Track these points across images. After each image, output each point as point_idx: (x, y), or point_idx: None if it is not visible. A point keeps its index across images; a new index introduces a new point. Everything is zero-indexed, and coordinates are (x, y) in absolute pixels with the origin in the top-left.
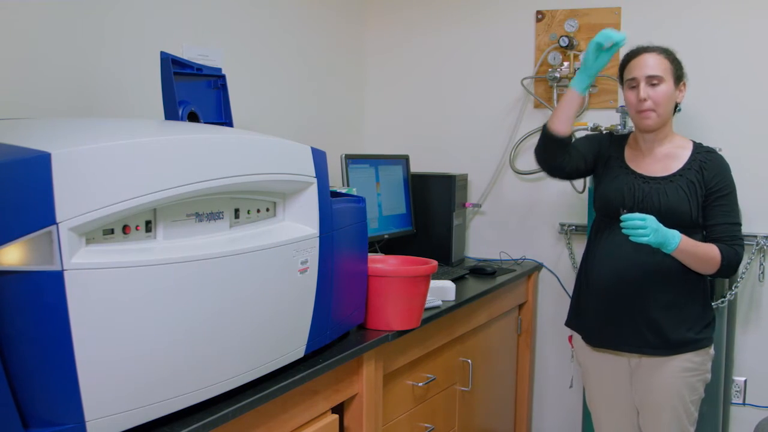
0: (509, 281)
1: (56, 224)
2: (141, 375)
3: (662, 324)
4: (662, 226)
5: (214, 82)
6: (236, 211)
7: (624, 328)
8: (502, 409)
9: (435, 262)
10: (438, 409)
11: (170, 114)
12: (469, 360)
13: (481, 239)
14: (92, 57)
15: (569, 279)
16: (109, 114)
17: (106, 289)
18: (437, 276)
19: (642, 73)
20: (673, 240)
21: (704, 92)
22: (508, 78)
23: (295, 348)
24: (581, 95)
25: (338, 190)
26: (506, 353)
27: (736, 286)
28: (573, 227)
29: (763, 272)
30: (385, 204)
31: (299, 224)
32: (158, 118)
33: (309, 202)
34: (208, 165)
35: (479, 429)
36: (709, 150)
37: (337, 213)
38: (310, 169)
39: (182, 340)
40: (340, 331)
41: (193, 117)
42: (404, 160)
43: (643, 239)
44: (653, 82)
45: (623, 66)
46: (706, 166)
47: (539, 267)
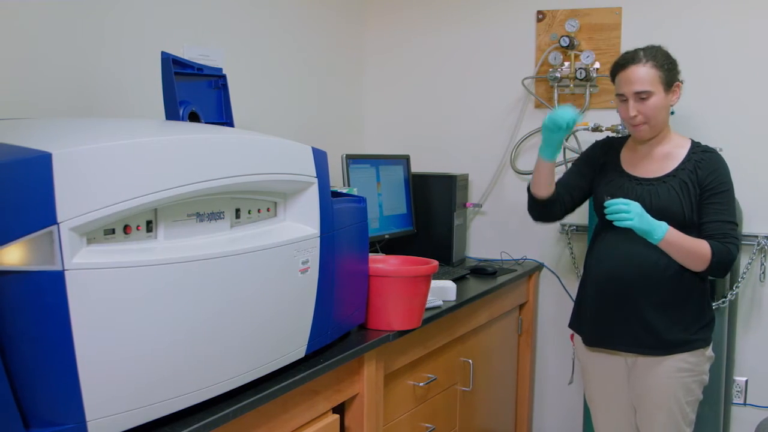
0: (510, 281)
1: (57, 224)
2: (142, 375)
3: (656, 324)
4: (648, 215)
5: (215, 82)
6: (237, 211)
7: (618, 328)
8: (503, 409)
9: (436, 262)
10: (439, 409)
11: (171, 114)
12: (470, 360)
13: (482, 239)
14: (93, 57)
15: (570, 279)
16: (110, 114)
17: (107, 289)
18: (438, 276)
19: (630, 90)
20: (660, 230)
21: (704, 92)
22: (509, 78)
23: (296, 348)
24: (551, 162)
25: (339, 190)
26: (507, 353)
27: (737, 287)
28: (574, 227)
29: (764, 272)
30: (386, 204)
31: (300, 224)
32: (159, 118)
33: (310, 202)
34: (209, 165)
35: (480, 429)
36: (706, 149)
37: (338, 213)
38: (311, 169)
39: (183, 340)
40: (341, 331)
41: (194, 117)
42: (405, 160)
43: (627, 223)
44: (642, 97)
45: (613, 76)
46: (701, 165)
47: (540, 267)
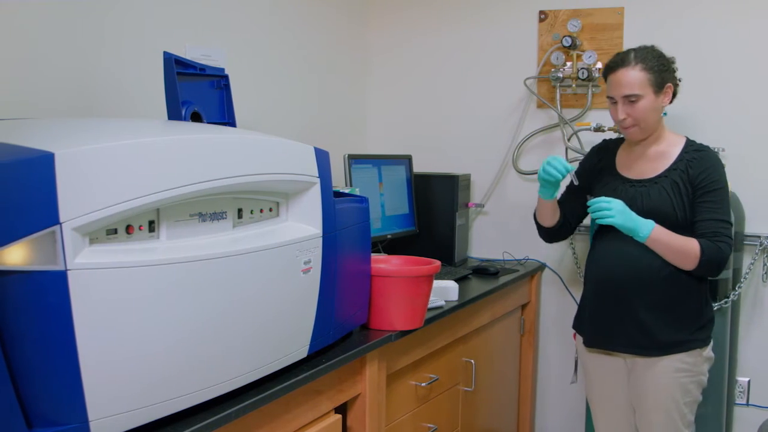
0: (512, 281)
1: (60, 224)
2: (144, 375)
3: (650, 324)
4: (633, 213)
5: (217, 82)
6: (239, 211)
7: (615, 329)
8: (505, 410)
9: (438, 262)
10: (441, 410)
11: (173, 114)
12: (472, 360)
13: (484, 239)
14: (95, 57)
15: (572, 279)
16: (112, 114)
17: (110, 289)
18: (440, 276)
19: (618, 93)
20: (645, 227)
21: (707, 92)
22: (511, 78)
23: (299, 348)
24: (552, 200)
25: (341, 191)
26: (509, 353)
27: (740, 287)
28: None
29: (767, 272)
30: (388, 204)
31: (302, 224)
32: (161, 118)
33: (312, 202)
34: (212, 165)
35: (482, 429)
36: (699, 148)
37: (340, 213)
38: (313, 169)
39: (185, 340)
40: (343, 331)
41: (196, 117)
42: (407, 160)
43: (608, 220)
44: (631, 100)
45: (605, 77)
46: (692, 164)
47: (542, 267)
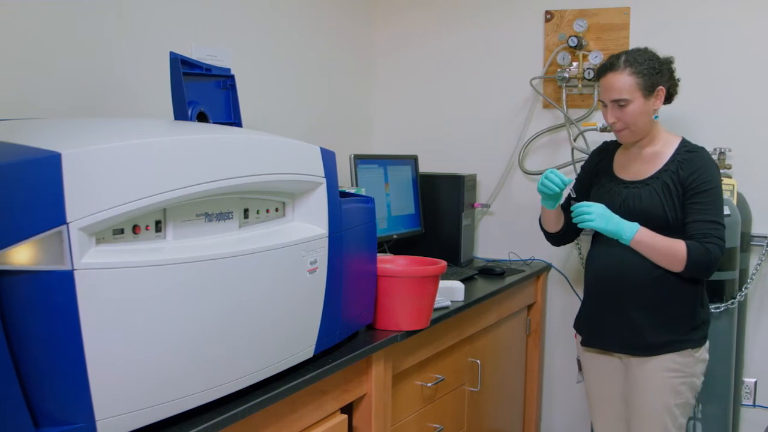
0: (518, 282)
1: (66, 224)
2: (151, 374)
3: (642, 325)
4: (616, 216)
5: (223, 83)
6: (245, 211)
7: (608, 328)
8: (511, 410)
9: (444, 263)
10: (447, 410)
11: (179, 114)
12: (478, 360)
13: (490, 239)
14: (101, 57)
15: (578, 279)
16: (118, 114)
17: (116, 289)
18: (446, 276)
19: (608, 97)
20: (629, 230)
21: (713, 93)
22: (517, 78)
23: (305, 348)
24: (554, 210)
25: (347, 191)
26: (515, 354)
27: (746, 287)
28: None
29: None
30: (394, 204)
31: (308, 224)
32: (167, 119)
33: (318, 203)
34: (218, 165)
35: (488, 429)
36: (691, 149)
37: (346, 213)
38: (319, 170)
39: (192, 340)
40: (349, 331)
41: (203, 117)
42: (413, 161)
43: (589, 224)
44: (620, 104)
45: (597, 81)
46: (683, 165)
47: (548, 267)
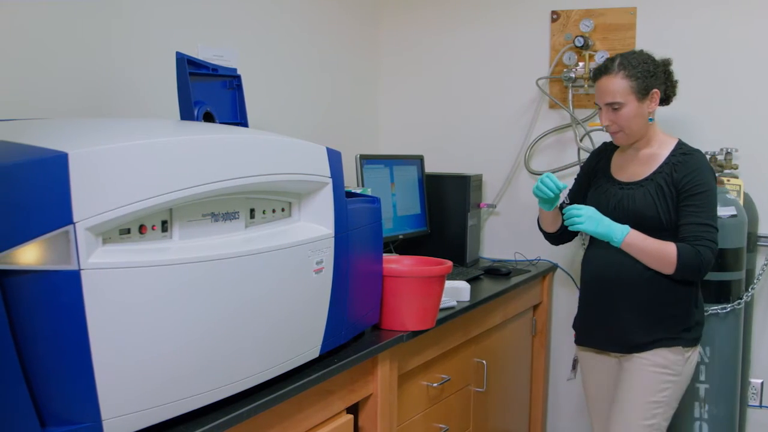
0: (524, 282)
1: (73, 224)
2: (157, 374)
3: (633, 325)
4: (607, 219)
5: (230, 83)
6: (252, 211)
7: (600, 327)
8: (517, 410)
9: (450, 263)
10: (452, 410)
11: (186, 114)
12: (484, 361)
13: (496, 240)
14: (107, 58)
15: None
16: (124, 114)
17: (123, 289)
18: (452, 276)
19: (602, 101)
20: (619, 232)
21: (719, 93)
22: (523, 78)
23: (310, 348)
24: (551, 211)
25: (353, 191)
26: (521, 354)
27: (753, 288)
28: None
29: None
30: (400, 204)
31: (314, 224)
32: (174, 119)
33: (324, 203)
34: (224, 165)
35: (494, 430)
36: (686, 151)
37: (352, 213)
38: (326, 170)
39: (198, 340)
40: (355, 332)
41: (209, 117)
42: (419, 161)
43: (578, 227)
44: (614, 107)
45: (593, 83)
46: (677, 168)
47: (554, 268)
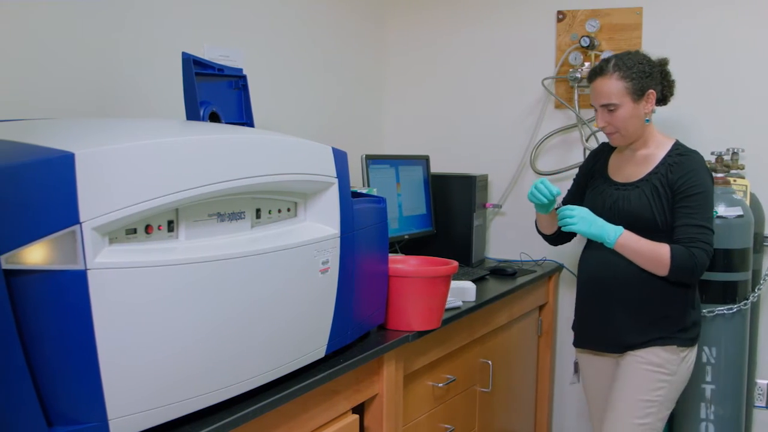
0: (530, 282)
1: (80, 224)
2: (163, 374)
3: (628, 326)
4: (600, 220)
5: (236, 83)
6: (257, 211)
7: (594, 328)
8: (523, 411)
9: (455, 263)
10: (458, 410)
11: (192, 114)
12: (490, 361)
13: (502, 240)
14: (114, 58)
15: None
16: (130, 115)
17: (129, 289)
18: (458, 277)
19: (597, 102)
20: (612, 233)
21: (726, 93)
22: (529, 78)
23: (316, 348)
24: (547, 214)
25: (359, 191)
26: (527, 354)
27: (759, 288)
28: None
29: None
30: (406, 204)
31: (320, 224)
32: (180, 119)
33: (330, 203)
34: (230, 165)
35: (499, 430)
36: (682, 152)
37: (358, 213)
38: (331, 170)
39: (204, 340)
40: (361, 332)
41: (215, 117)
42: (425, 161)
43: (571, 227)
44: (610, 109)
45: (589, 84)
46: (673, 169)
47: (560, 268)
